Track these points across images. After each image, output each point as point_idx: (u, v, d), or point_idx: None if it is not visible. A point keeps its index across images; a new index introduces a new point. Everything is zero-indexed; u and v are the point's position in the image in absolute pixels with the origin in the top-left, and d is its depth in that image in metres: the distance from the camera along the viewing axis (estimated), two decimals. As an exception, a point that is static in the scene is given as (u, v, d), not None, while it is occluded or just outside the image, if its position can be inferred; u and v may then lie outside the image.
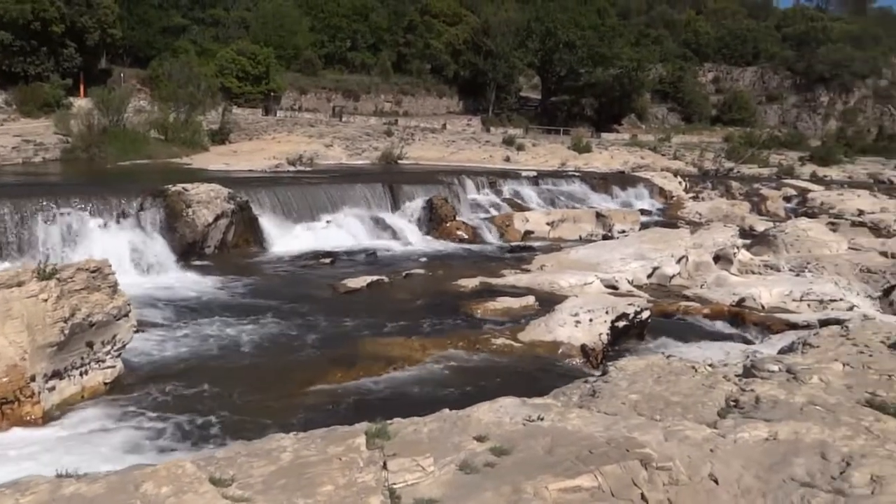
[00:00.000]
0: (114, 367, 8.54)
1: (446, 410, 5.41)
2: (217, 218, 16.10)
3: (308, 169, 25.94)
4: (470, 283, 14.25)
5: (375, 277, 14.34)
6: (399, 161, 30.82)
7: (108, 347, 8.43)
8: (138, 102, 31.90)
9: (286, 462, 4.28)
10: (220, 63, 42.83)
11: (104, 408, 7.81)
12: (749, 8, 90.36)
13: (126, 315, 8.59)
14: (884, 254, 16.76)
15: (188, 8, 48.57)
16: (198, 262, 15.25)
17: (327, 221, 19.09)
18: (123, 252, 13.83)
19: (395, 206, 21.43)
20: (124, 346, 8.71)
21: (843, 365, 6.86)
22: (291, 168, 25.72)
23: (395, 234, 19.61)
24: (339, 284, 13.81)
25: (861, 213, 27.33)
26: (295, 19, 50.69)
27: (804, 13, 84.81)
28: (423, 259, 17.35)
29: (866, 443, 4.83)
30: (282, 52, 47.36)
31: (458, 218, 21.33)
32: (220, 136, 30.85)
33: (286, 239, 17.68)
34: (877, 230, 22.93)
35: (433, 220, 20.79)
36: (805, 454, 4.63)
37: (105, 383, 8.37)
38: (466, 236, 20.41)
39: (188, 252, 15.38)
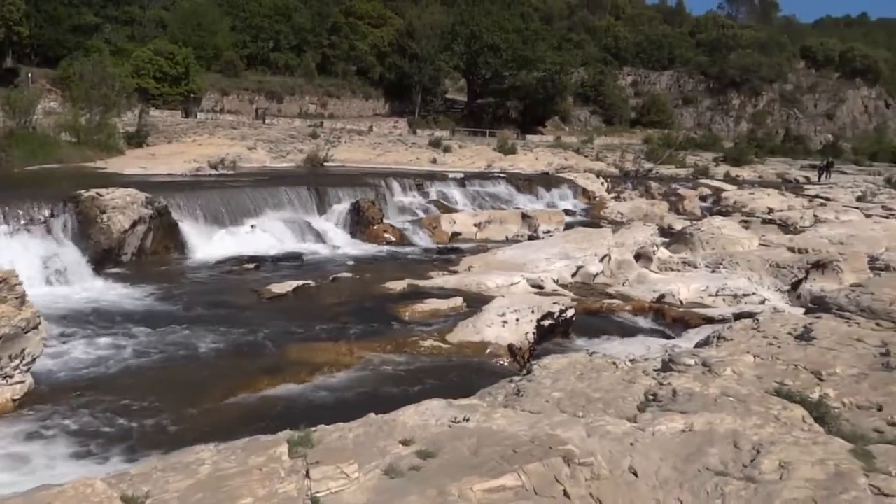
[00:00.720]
0: (23, 382, 8.11)
1: (372, 415, 5.37)
2: (134, 224, 15.52)
3: (231, 172, 25.33)
4: (398, 285, 14.22)
5: (301, 282, 14.12)
6: (325, 163, 30.45)
7: (17, 362, 8.00)
8: (48, 104, 30.38)
9: (204, 475, 4.15)
10: (136, 63, 41.30)
11: (12, 426, 7.41)
12: (664, 14, 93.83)
13: (35, 327, 8.18)
14: (792, 249, 17.60)
15: (101, 6, 46.53)
16: (114, 271, 14.66)
17: (251, 226, 18.67)
18: (33, 261, 13.15)
19: (322, 209, 21.16)
20: (34, 359, 8.29)
21: (754, 356, 7.17)
22: (213, 171, 25.04)
23: (321, 238, 19.37)
24: (263, 290, 13.53)
25: (771, 210, 28.68)
26: (215, 19, 49.36)
27: (715, 20, 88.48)
28: (351, 262, 17.21)
29: (775, 430, 5.06)
30: (201, 52, 46.03)
31: (385, 220, 21.24)
32: (137, 139, 29.73)
33: (208, 244, 17.20)
34: (785, 227, 24.10)
35: (360, 223, 20.64)
36: (719, 444, 4.80)
37: (13, 400, 7.94)
38: (394, 239, 20.36)
39: (104, 260, 14.76)
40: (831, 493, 4.12)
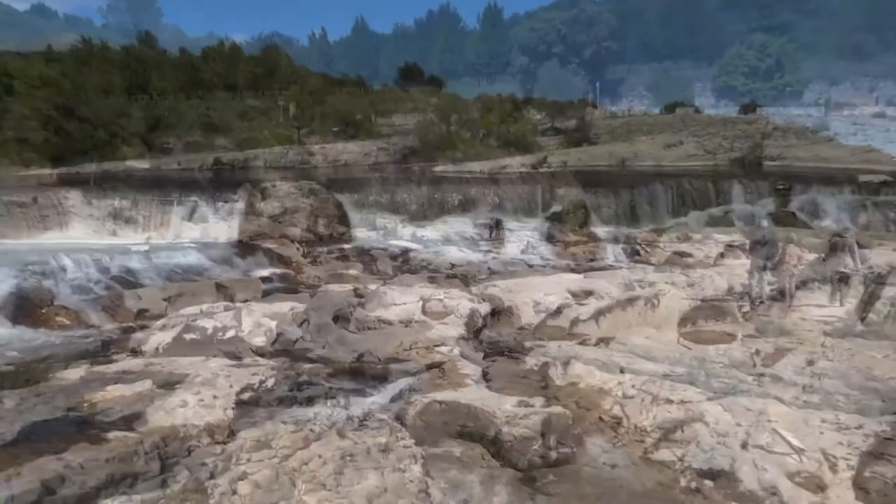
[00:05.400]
0: None
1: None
2: None
3: None
4: (74, 374, 12.69)
5: (-56, 385, 11.87)
6: None
7: None
8: None
9: None
10: None
11: None
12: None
13: None
14: (472, 300, 19.42)
15: None
16: None
17: None
18: None
19: (-31, 295, 18.11)
20: None
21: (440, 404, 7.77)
22: None
23: (-30, 330, 16.54)
24: None
25: (453, 266, 31.35)
26: None
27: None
28: (13, 353, 14.94)
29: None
30: None
31: (56, 302, 18.89)
32: None
33: None
34: (466, 280, 26.50)
35: (24, 308, 18.08)
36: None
37: None
38: (69, 322, 18.17)
39: None
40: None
